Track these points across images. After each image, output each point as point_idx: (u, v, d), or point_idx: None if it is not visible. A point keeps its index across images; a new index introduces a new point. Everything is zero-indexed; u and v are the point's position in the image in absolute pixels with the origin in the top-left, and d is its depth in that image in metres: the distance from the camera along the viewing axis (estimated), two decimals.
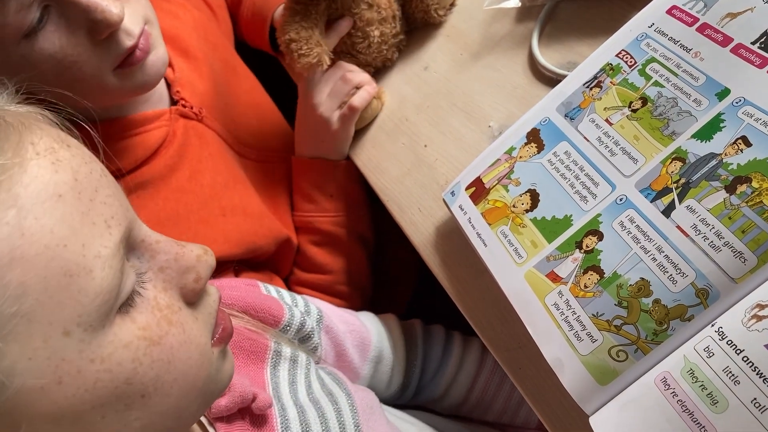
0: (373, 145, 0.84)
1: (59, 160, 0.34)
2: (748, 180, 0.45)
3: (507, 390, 0.79)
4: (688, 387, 0.42)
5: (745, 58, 0.50)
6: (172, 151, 0.77)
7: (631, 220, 0.50)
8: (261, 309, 0.63)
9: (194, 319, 0.40)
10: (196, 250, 0.41)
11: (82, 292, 0.33)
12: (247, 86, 0.98)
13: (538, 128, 0.60)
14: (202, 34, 0.91)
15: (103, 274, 0.34)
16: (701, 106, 0.50)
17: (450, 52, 0.81)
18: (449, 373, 0.81)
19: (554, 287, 0.51)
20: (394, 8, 0.83)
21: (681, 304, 0.45)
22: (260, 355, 0.60)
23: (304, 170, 0.89)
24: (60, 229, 0.32)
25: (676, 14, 0.56)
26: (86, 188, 0.35)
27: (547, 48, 0.71)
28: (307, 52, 0.78)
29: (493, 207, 0.59)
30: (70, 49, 0.59)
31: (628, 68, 0.56)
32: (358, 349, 0.74)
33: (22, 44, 0.57)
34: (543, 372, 0.55)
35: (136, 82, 0.67)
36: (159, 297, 0.38)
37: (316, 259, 0.89)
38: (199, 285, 0.41)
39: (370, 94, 0.81)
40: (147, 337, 0.36)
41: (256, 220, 0.84)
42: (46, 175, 0.33)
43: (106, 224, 0.35)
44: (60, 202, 0.33)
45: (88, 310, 0.33)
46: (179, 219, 0.76)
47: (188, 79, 0.83)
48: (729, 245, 0.44)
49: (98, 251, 0.34)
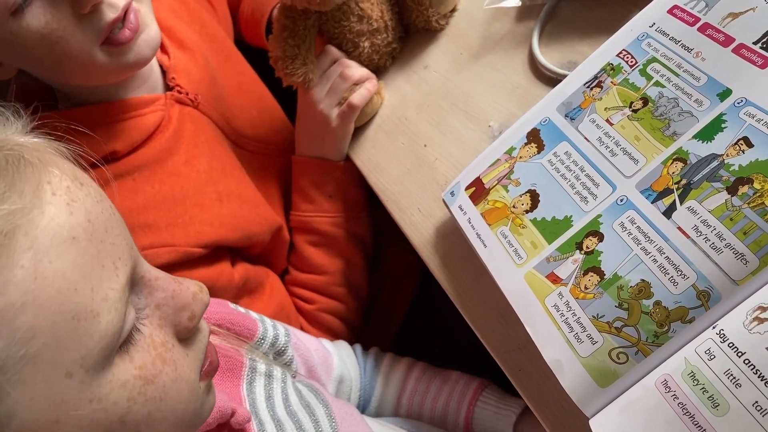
0: (372, 144, 0.83)
1: (74, 200, 0.35)
2: (749, 181, 0.45)
3: (429, 403, 0.80)
4: (688, 389, 0.41)
5: (746, 58, 0.49)
6: (167, 135, 0.78)
7: (632, 221, 0.49)
8: (235, 322, 0.64)
9: (185, 355, 0.41)
10: (192, 287, 0.42)
11: (87, 335, 0.33)
12: (245, 78, 0.98)
13: (538, 128, 0.59)
14: (198, 27, 0.91)
15: (109, 317, 0.34)
16: (702, 106, 0.50)
17: (450, 51, 0.81)
18: (378, 389, 0.83)
19: (554, 288, 0.51)
20: (387, 18, 0.83)
21: (682, 306, 0.44)
22: (236, 372, 0.61)
23: (303, 169, 0.89)
24: (72, 273, 0.33)
25: (678, 14, 0.56)
26: (98, 229, 0.35)
27: (548, 47, 0.70)
28: (293, 71, 0.80)
29: (492, 207, 0.59)
30: (55, 24, 0.61)
31: (629, 68, 0.56)
32: (324, 368, 0.76)
33: (9, 22, 0.59)
34: (543, 374, 0.54)
35: (128, 60, 0.68)
36: (154, 334, 0.39)
37: (312, 259, 0.89)
38: (192, 323, 0.41)
39: (369, 91, 0.81)
40: (142, 377, 0.36)
41: (252, 206, 0.84)
42: (61, 217, 0.33)
43: (114, 266, 0.36)
44: (73, 245, 0.33)
45: (91, 353, 0.33)
46: (175, 202, 0.76)
47: (184, 67, 0.83)
48: (730, 247, 0.44)
49: (106, 294, 0.34)
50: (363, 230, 0.92)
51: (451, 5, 0.83)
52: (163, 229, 0.74)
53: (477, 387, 0.78)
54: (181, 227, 0.75)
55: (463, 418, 0.77)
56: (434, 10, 0.81)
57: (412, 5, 0.82)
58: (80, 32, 0.63)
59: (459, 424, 0.78)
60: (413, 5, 0.82)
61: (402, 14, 0.85)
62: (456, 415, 0.78)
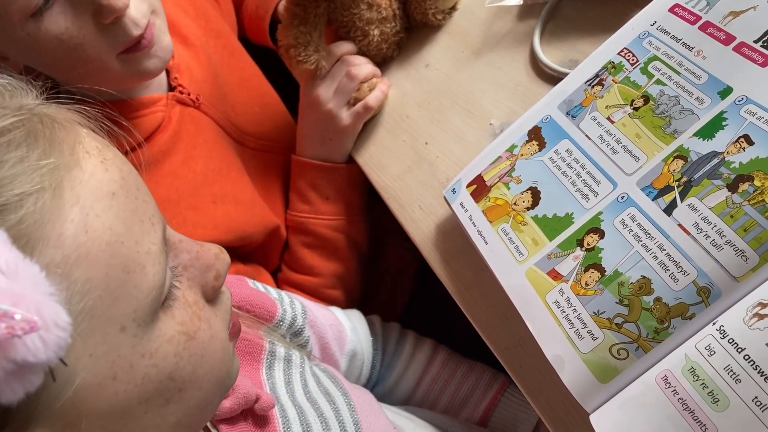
0: (374, 142, 0.84)
1: (106, 159, 0.35)
2: (750, 178, 0.45)
3: (452, 389, 0.81)
4: (689, 385, 0.42)
5: (747, 56, 0.50)
6: (166, 137, 0.78)
7: (633, 218, 0.50)
8: (255, 304, 0.64)
9: (215, 315, 0.41)
10: (213, 248, 0.43)
11: (137, 288, 0.34)
12: (248, 74, 0.98)
13: (539, 126, 0.60)
14: (203, 22, 0.91)
15: (154, 270, 0.35)
16: (703, 104, 0.50)
17: (451, 49, 0.81)
18: (399, 369, 0.82)
19: (555, 285, 0.51)
20: (395, 7, 0.83)
21: (682, 303, 0.44)
22: (255, 356, 0.61)
23: (302, 170, 0.89)
24: (117, 227, 0.33)
25: (679, 12, 0.56)
26: (131, 187, 0.36)
27: (549, 46, 0.71)
28: (305, 59, 0.79)
29: (494, 204, 0.59)
30: (75, 31, 0.61)
31: (630, 66, 0.56)
32: (337, 343, 0.75)
33: (28, 23, 0.59)
34: (543, 370, 0.55)
35: (140, 68, 0.68)
36: (187, 294, 0.39)
37: (306, 260, 0.89)
38: (219, 282, 0.42)
39: (384, 92, 0.81)
40: (185, 332, 0.37)
41: (247, 208, 0.84)
42: (99, 174, 0.34)
43: (150, 222, 0.36)
44: (114, 200, 0.34)
45: (142, 306, 0.34)
46: (169, 204, 0.76)
47: (187, 66, 0.84)
48: (731, 244, 0.44)
49: (149, 248, 0.35)
50: (359, 234, 0.92)
51: (451, 2, 0.83)
52: None
53: (504, 380, 0.79)
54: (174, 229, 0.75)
55: (484, 408, 0.77)
56: (432, 2, 0.82)
57: None
58: (99, 41, 0.63)
59: (476, 413, 0.78)
60: None
61: (403, 4, 0.85)
62: (477, 403, 0.78)
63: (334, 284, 0.90)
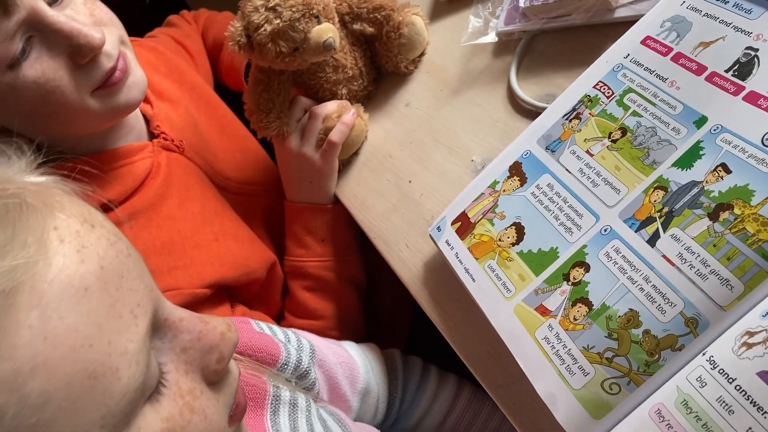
0: (357, 182, 0.84)
1: (85, 246, 0.32)
2: (730, 207, 0.45)
3: (479, 426, 0.79)
4: (682, 418, 0.41)
5: (719, 85, 0.50)
6: (159, 181, 0.79)
7: (617, 250, 0.50)
8: (258, 348, 0.62)
9: (215, 402, 0.38)
10: (220, 326, 0.39)
11: (107, 393, 0.30)
12: (226, 122, 0.99)
13: (520, 161, 0.60)
14: (177, 77, 0.94)
15: (130, 372, 0.31)
16: (680, 134, 0.51)
17: (430, 88, 0.82)
18: (423, 406, 0.82)
19: (544, 321, 0.51)
20: (361, 65, 0.84)
21: (671, 334, 0.44)
22: (260, 402, 0.59)
23: (294, 214, 0.89)
24: (85, 328, 0.30)
25: (651, 44, 0.57)
26: (112, 276, 0.32)
27: (526, 81, 0.71)
28: (267, 125, 0.81)
29: (479, 241, 0.59)
30: (51, 74, 0.62)
31: (606, 99, 0.57)
32: (348, 381, 0.74)
33: (7, 74, 0.60)
34: (538, 407, 0.54)
35: (117, 102, 0.69)
36: (181, 381, 0.36)
37: (307, 304, 0.89)
38: (221, 366, 0.39)
39: (346, 125, 0.81)
40: (170, 429, 0.34)
41: (247, 244, 0.85)
42: (71, 267, 0.30)
43: (133, 314, 0.33)
44: (86, 297, 0.30)
45: (112, 412, 0.31)
46: (174, 246, 0.77)
47: (166, 116, 0.85)
48: (715, 273, 0.44)
49: (125, 347, 0.31)
50: (356, 271, 0.92)
51: (419, 51, 0.84)
52: (166, 273, 0.74)
53: None
54: (183, 270, 0.76)
55: None
56: (402, 56, 0.84)
57: (381, 51, 0.84)
58: (75, 81, 0.64)
59: None
60: (383, 51, 0.84)
61: (374, 58, 0.87)
62: None
63: (337, 325, 0.90)
